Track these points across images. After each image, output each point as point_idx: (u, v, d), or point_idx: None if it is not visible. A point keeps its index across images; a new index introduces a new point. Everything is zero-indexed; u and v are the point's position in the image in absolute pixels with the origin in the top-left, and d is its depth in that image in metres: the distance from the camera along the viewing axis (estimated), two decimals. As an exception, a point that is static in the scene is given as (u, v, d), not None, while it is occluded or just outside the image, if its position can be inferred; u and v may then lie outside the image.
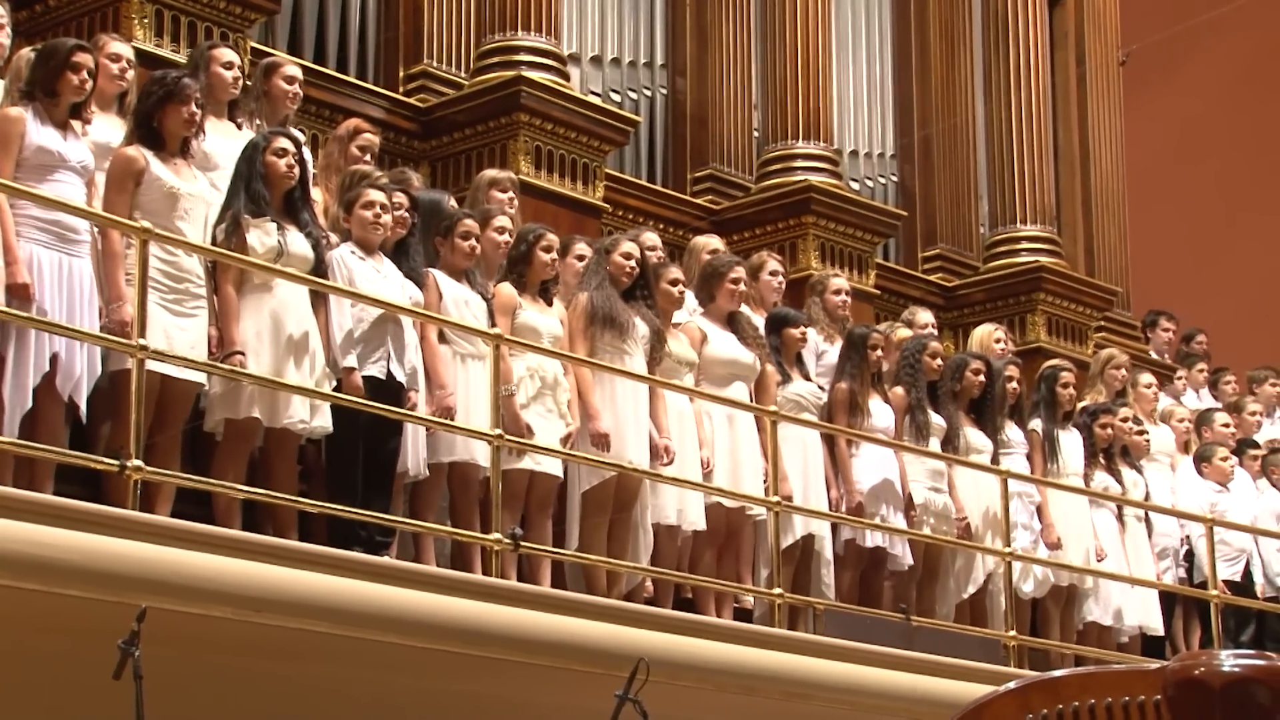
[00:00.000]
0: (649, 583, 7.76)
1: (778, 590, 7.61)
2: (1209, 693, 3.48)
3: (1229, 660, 3.52)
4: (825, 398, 8.54)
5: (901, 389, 8.81)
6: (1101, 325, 13.02)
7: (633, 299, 7.76)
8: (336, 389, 6.69)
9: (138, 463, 5.72)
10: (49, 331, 6.00)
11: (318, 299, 6.74)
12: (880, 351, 8.68)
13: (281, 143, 6.77)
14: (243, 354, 6.45)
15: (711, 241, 9.12)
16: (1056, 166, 13.46)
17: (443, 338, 7.17)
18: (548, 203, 9.55)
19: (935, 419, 8.81)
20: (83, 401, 6.17)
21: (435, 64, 10.21)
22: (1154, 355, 13.17)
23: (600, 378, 7.56)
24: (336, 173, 7.59)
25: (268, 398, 6.51)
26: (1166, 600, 9.79)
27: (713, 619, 7.58)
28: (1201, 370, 12.35)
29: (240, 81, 7.44)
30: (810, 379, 8.60)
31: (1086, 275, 13.29)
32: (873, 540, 8.48)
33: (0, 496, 5.23)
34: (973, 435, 9.01)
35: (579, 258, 8.07)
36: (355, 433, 6.68)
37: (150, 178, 6.43)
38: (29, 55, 6.65)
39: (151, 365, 6.01)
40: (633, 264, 7.76)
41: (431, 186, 9.05)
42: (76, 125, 6.47)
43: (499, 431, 6.78)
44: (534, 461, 7.25)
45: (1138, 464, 9.90)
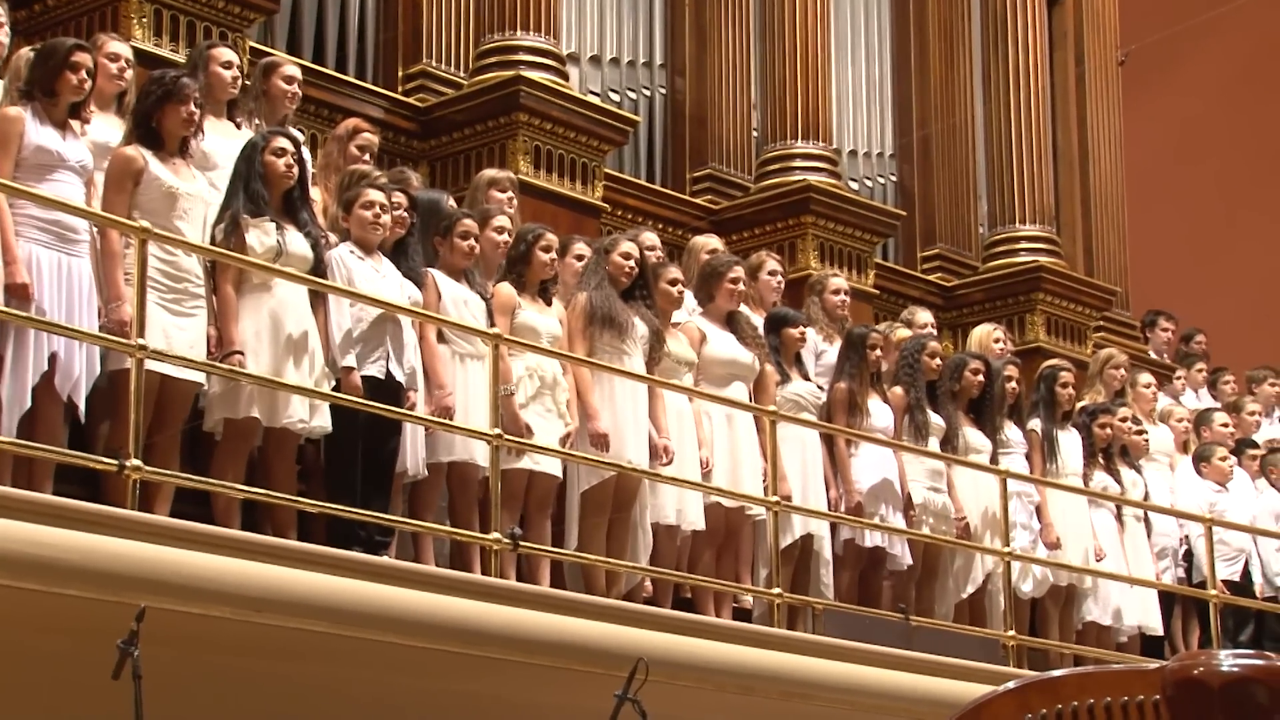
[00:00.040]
0: (648, 582, 7.75)
1: (777, 590, 7.60)
2: (1208, 692, 3.48)
3: (1228, 660, 3.52)
4: (824, 397, 8.54)
5: (900, 389, 8.81)
6: (1100, 325, 13.02)
7: (632, 299, 7.75)
8: (335, 389, 6.69)
9: (137, 462, 5.71)
10: (48, 331, 5.99)
11: (317, 299, 6.73)
12: (879, 351, 8.67)
13: (280, 142, 6.77)
14: (242, 354, 6.45)
15: (710, 241, 9.12)
16: (1055, 166, 13.45)
17: (442, 337, 7.17)
18: (547, 202, 9.54)
19: (934, 419, 8.81)
20: (81, 401, 6.16)
21: (434, 64, 10.21)
22: (1153, 355, 13.17)
23: (599, 377, 7.55)
24: (335, 172, 7.59)
25: (267, 397, 6.51)
26: (1165, 600, 9.79)
27: (712, 619, 7.58)
28: (1200, 370, 12.34)
29: (239, 81, 7.44)
30: (809, 379, 8.60)
31: (1085, 275, 13.28)
32: (872, 540, 8.48)
33: (-1, 496, 5.24)
34: (972, 435, 9.00)
35: (578, 257, 8.07)
36: (354, 432, 6.68)
37: (149, 177, 6.42)
38: (28, 55, 6.65)
39: (150, 365, 6.01)
40: (632, 264, 7.76)
41: (430, 186, 9.05)
42: (75, 125, 6.47)
43: (498, 431, 6.78)
44: (533, 461, 7.25)
45: (1137, 464, 9.89)
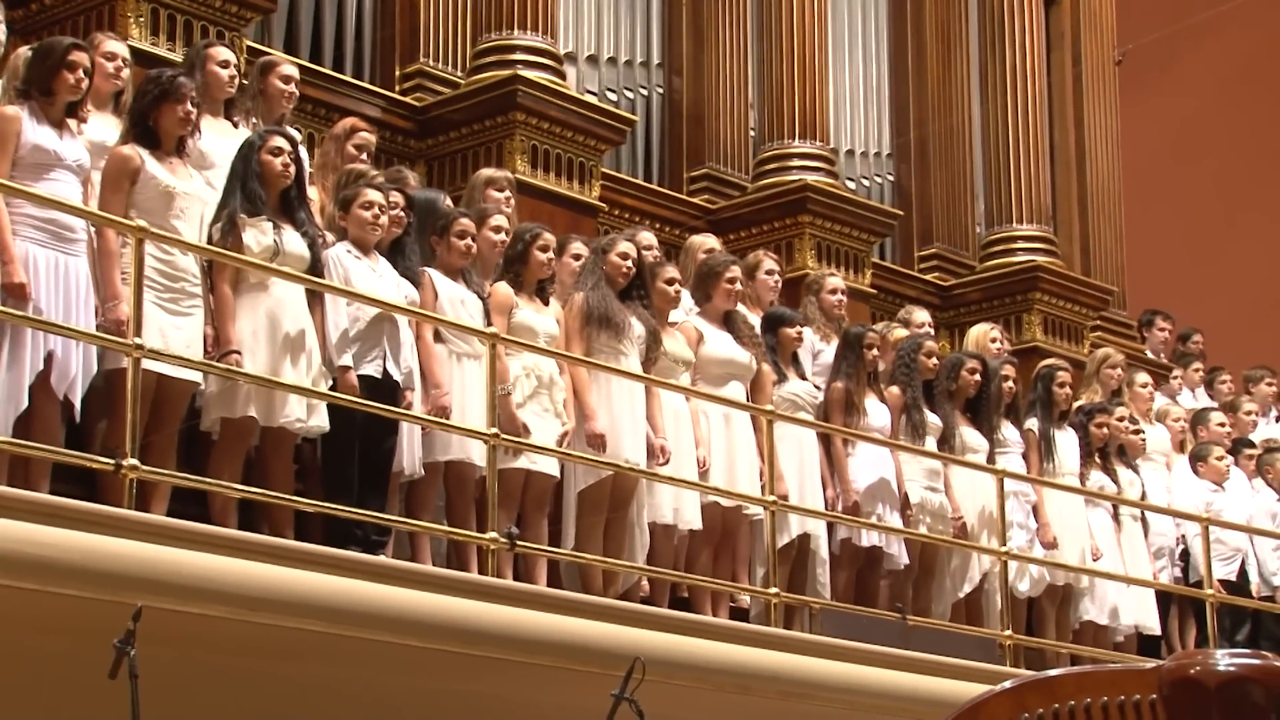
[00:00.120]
0: (645, 582, 7.75)
1: (774, 589, 7.60)
2: (1204, 692, 3.48)
3: (1224, 659, 3.51)
4: (821, 397, 8.54)
5: (897, 388, 8.81)
6: (1097, 324, 13.03)
7: (629, 299, 7.75)
8: (332, 388, 6.69)
9: (133, 462, 5.71)
10: (45, 330, 5.99)
11: (314, 298, 6.73)
12: (876, 351, 8.67)
13: (277, 141, 6.76)
14: (239, 353, 6.44)
15: (708, 241, 9.13)
16: (1052, 166, 13.46)
17: (438, 337, 7.17)
18: (544, 202, 9.53)
19: (931, 418, 8.81)
20: (78, 400, 6.16)
21: (431, 63, 10.20)
22: (1150, 355, 13.17)
23: (596, 377, 7.55)
24: (333, 171, 7.58)
25: (264, 397, 6.51)
26: (1162, 599, 9.79)
27: (709, 618, 7.58)
28: (1197, 370, 12.35)
29: (236, 80, 7.43)
30: (806, 378, 8.60)
31: (1082, 275, 13.29)
32: (869, 539, 8.48)
33: (-4, 495, 5.24)
34: (969, 434, 9.00)
35: (575, 257, 8.06)
36: (351, 432, 6.68)
37: (146, 176, 6.42)
38: (25, 54, 6.65)
39: (147, 364, 6.00)
40: (629, 264, 7.76)
41: (428, 185, 9.04)
42: (72, 124, 6.46)
43: (495, 431, 6.77)
44: (530, 461, 7.25)
45: (1133, 463, 9.90)
